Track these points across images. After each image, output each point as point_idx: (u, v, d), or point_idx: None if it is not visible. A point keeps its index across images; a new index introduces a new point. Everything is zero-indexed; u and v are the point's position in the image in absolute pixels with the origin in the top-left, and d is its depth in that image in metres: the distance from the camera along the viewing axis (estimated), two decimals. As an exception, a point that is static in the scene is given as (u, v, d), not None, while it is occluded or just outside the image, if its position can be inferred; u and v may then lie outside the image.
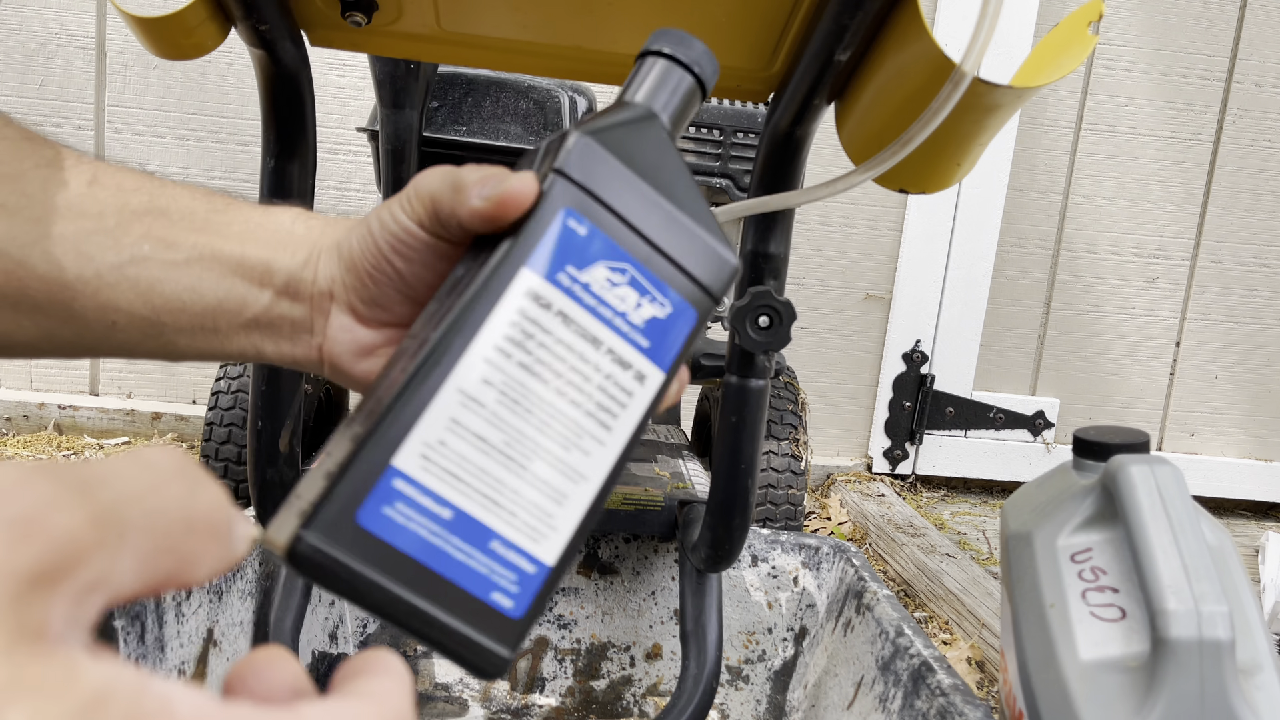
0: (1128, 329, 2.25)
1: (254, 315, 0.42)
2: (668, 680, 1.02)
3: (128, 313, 0.42)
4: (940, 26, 2.02)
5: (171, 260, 0.41)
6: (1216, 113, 2.17)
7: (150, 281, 0.41)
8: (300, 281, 0.42)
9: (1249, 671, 0.53)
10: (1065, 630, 0.57)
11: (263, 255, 0.42)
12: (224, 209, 0.43)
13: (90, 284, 0.41)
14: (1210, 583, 0.52)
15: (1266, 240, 2.23)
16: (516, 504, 0.33)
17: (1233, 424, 2.30)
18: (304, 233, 0.43)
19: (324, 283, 0.42)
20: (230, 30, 0.60)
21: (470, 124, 1.14)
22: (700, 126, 1.16)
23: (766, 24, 0.61)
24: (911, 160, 0.55)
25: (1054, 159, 2.18)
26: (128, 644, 0.69)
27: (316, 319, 0.43)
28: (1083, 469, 0.64)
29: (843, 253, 2.17)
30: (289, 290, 0.42)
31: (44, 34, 1.84)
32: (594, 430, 0.34)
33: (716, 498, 0.80)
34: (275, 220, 0.43)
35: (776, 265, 0.71)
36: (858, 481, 2.12)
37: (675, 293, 0.36)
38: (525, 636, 0.33)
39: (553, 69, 0.69)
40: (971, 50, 0.48)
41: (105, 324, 0.42)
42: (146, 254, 0.41)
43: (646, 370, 0.35)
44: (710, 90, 0.42)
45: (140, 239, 0.41)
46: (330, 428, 1.37)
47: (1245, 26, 2.14)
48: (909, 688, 0.74)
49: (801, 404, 1.32)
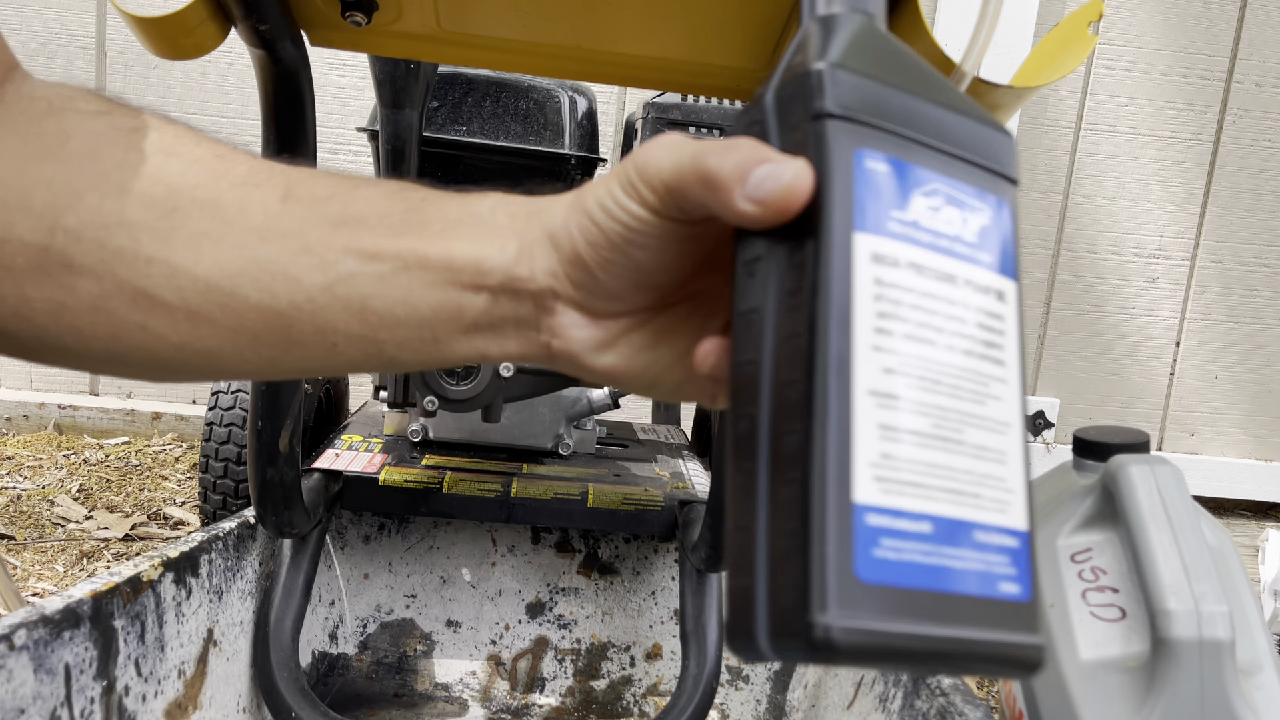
0: (1128, 329, 2.25)
1: (473, 319, 0.39)
2: (668, 680, 1.02)
3: (345, 333, 0.40)
4: (940, 26, 2.02)
5: (378, 274, 0.39)
6: (1217, 113, 2.17)
7: (361, 299, 0.39)
8: (517, 279, 0.38)
9: (1249, 671, 0.53)
10: (1065, 630, 0.57)
11: (470, 254, 0.39)
12: (420, 206, 0.40)
13: (304, 309, 0.39)
14: (1210, 583, 0.52)
15: (1267, 240, 2.23)
16: (973, 483, 0.30)
17: (1233, 424, 2.30)
18: (507, 222, 0.39)
19: (543, 278, 0.38)
20: (230, 30, 0.60)
21: (470, 124, 1.14)
22: (700, 126, 1.16)
23: (765, 24, 0.61)
24: (912, 160, 0.55)
25: (1054, 159, 2.18)
26: (128, 644, 0.69)
27: (542, 318, 0.39)
28: (1083, 469, 0.64)
29: (843, 253, 2.16)
30: (507, 289, 0.39)
31: (44, 34, 1.84)
32: (992, 371, 0.31)
33: (716, 498, 0.80)
34: (474, 211, 0.40)
35: (776, 265, 0.71)
36: (858, 481, 2.12)
37: (986, 192, 0.33)
38: (1042, 614, 0.30)
39: (553, 69, 0.69)
40: (971, 50, 0.48)
41: (325, 346, 0.40)
42: (352, 270, 0.39)
43: (1003, 286, 0.32)
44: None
45: (342, 254, 0.39)
46: (330, 427, 1.37)
47: (1245, 26, 2.14)
48: (909, 687, 0.74)
49: (801, 404, 1.32)
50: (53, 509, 1.55)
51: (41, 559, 1.37)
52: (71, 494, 1.62)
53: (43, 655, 0.61)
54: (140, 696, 0.70)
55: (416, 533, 1.05)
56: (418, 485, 0.97)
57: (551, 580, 1.05)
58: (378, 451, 1.06)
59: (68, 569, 1.35)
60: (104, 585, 0.68)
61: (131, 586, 0.71)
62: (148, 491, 1.68)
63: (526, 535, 1.06)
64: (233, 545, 0.86)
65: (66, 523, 1.51)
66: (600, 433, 1.25)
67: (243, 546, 0.88)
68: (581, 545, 1.06)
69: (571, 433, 1.15)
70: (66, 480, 1.68)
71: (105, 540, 1.45)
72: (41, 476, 1.69)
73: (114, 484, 1.70)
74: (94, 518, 1.54)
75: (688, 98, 1.15)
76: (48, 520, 1.51)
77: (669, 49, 0.65)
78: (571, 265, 0.37)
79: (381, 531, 1.05)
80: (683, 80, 0.69)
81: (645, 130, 1.17)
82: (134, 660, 0.70)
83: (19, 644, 0.59)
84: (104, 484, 1.69)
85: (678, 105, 1.15)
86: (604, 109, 1.92)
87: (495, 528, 1.06)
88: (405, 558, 1.05)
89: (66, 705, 0.62)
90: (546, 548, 1.06)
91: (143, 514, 1.57)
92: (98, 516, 1.54)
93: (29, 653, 0.59)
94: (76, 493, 1.64)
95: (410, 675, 1.00)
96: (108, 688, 0.67)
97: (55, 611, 0.62)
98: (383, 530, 1.05)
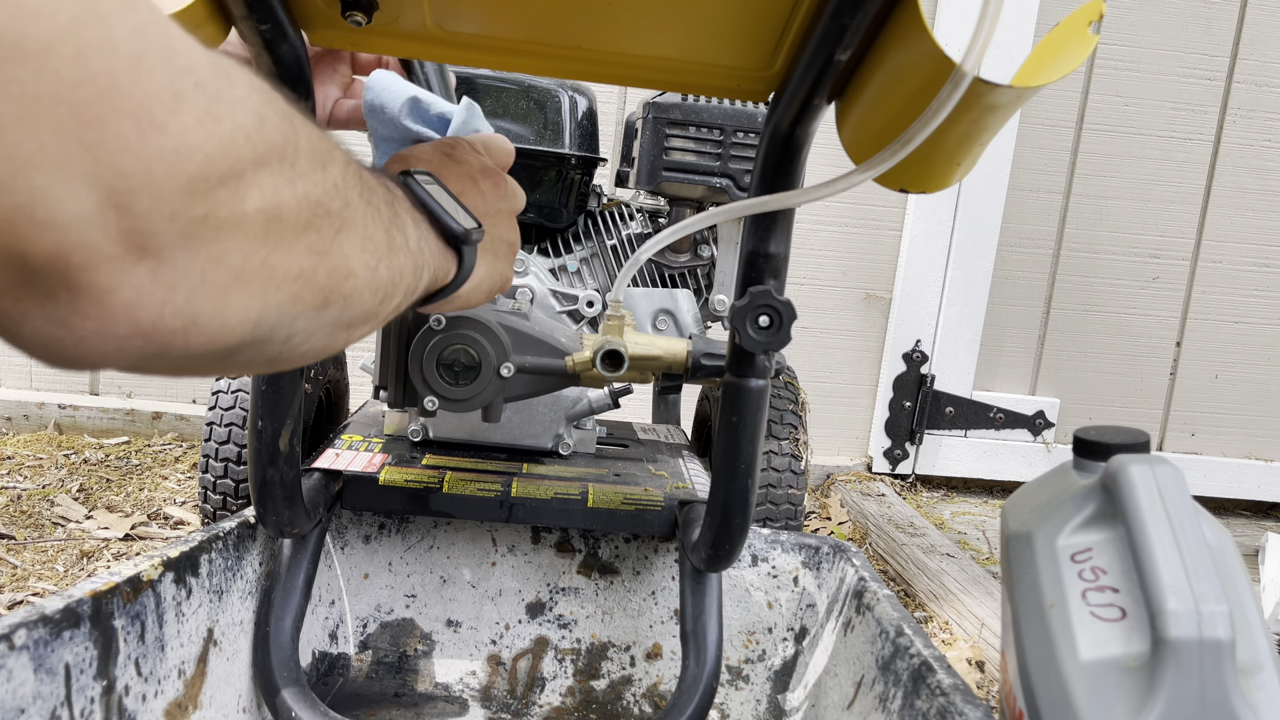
0: (1128, 329, 2.25)
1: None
2: (668, 680, 1.02)
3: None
4: (940, 26, 2.02)
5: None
6: (1217, 113, 2.17)
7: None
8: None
9: (1249, 671, 0.53)
10: (1065, 630, 0.57)
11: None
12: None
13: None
14: (1210, 583, 0.52)
15: (1267, 240, 2.23)
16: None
17: (1233, 424, 2.30)
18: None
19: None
20: (230, 30, 0.60)
21: (470, 124, 1.14)
22: (700, 126, 1.16)
23: (767, 24, 0.61)
24: (912, 160, 0.55)
25: (1054, 159, 2.18)
26: (128, 643, 0.69)
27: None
28: (1083, 469, 0.64)
29: (843, 253, 2.17)
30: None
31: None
32: None
33: (716, 498, 0.80)
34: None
35: (776, 265, 0.71)
36: (858, 481, 2.12)
37: None
38: None
39: (553, 69, 0.69)
40: (971, 50, 0.48)
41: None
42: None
43: None
44: None
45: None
46: (330, 427, 1.37)
47: (1245, 26, 2.14)
48: (909, 687, 0.74)
49: (801, 404, 1.32)
50: (53, 509, 1.55)
51: (41, 559, 1.37)
52: (71, 494, 1.62)
53: (43, 655, 0.61)
54: (140, 696, 0.70)
55: (416, 533, 1.05)
56: (418, 485, 0.97)
57: (551, 580, 1.05)
58: (378, 451, 1.06)
59: (68, 569, 1.35)
60: (104, 585, 0.68)
61: (131, 586, 0.71)
62: (148, 491, 1.68)
63: (526, 535, 1.06)
64: (233, 545, 0.86)
65: (66, 523, 1.51)
66: (600, 433, 1.25)
67: (243, 546, 0.88)
68: (581, 545, 1.06)
69: (571, 433, 1.15)
70: (66, 480, 1.68)
71: (105, 540, 1.45)
72: (41, 476, 1.69)
73: (114, 484, 1.70)
74: (94, 518, 1.54)
75: (688, 98, 1.15)
76: (48, 520, 1.51)
77: (669, 49, 0.65)
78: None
79: (381, 531, 1.05)
80: (683, 80, 0.69)
81: (645, 130, 1.17)
82: (134, 660, 0.70)
83: (19, 644, 0.59)
84: (104, 484, 1.69)
85: (678, 105, 1.15)
86: (604, 109, 1.91)
87: (495, 527, 1.06)
88: (405, 557, 1.05)
89: (66, 705, 0.62)
90: (546, 548, 1.06)
91: (143, 514, 1.57)
92: (98, 516, 1.54)
93: (29, 652, 0.59)
94: (76, 492, 1.63)
95: (410, 675, 1.00)
96: (108, 687, 0.67)
97: (55, 611, 0.62)
98: (383, 530, 1.05)
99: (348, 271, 0.39)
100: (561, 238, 1.25)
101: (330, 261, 0.38)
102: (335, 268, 0.38)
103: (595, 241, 1.24)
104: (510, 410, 1.10)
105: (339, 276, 0.39)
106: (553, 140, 1.18)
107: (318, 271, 0.37)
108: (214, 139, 0.30)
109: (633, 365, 0.91)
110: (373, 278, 0.42)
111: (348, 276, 0.39)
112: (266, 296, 0.34)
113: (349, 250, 0.39)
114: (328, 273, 0.38)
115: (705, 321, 1.27)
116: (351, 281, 0.40)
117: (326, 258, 0.37)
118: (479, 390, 0.90)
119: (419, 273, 0.48)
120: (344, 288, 0.39)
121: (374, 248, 0.42)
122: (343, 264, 0.39)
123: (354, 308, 0.41)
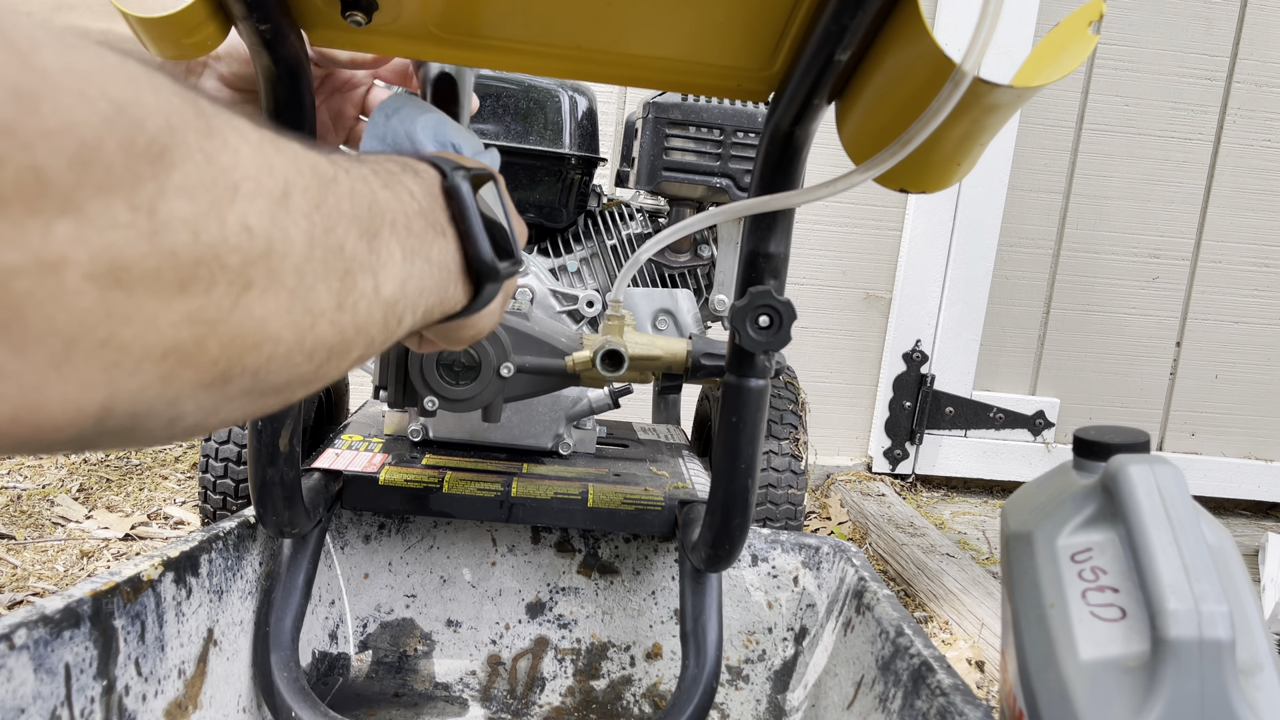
0: (1128, 329, 2.25)
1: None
2: (668, 680, 1.02)
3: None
4: (940, 26, 2.02)
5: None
6: (1217, 113, 2.17)
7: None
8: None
9: (1249, 671, 0.53)
10: (1065, 630, 0.57)
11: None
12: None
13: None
14: (1210, 583, 0.52)
15: (1267, 240, 2.23)
16: None
17: (1233, 424, 2.30)
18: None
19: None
20: (230, 30, 0.60)
21: (470, 124, 1.14)
22: (700, 126, 1.16)
23: (766, 24, 0.61)
24: (912, 160, 0.55)
25: (1054, 159, 2.18)
26: (128, 643, 0.69)
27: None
28: (1083, 469, 0.64)
29: (843, 253, 2.17)
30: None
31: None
32: None
33: (716, 498, 0.80)
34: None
35: (776, 265, 0.71)
36: (858, 481, 2.12)
37: None
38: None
39: (553, 69, 0.69)
40: (971, 50, 0.48)
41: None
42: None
43: None
44: None
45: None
46: (330, 427, 1.37)
47: (1245, 26, 2.14)
48: (909, 687, 0.74)
49: (801, 404, 1.32)
50: (53, 509, 1.55)
51: (41, 559, 1.37)
52: (71, 494, 1.62)
53: (43, 655, 0.61)
54: (140, 696, 0.70)
55: (416, 532, 1.05)
56: (418, 485, 0.97)
57: (551, 580, 1.05)
58: (378, 451, 1.06)
59: (68, 569, 1.35)
60: (104, 585, 0.68)
61: (131, 586, 0.71)
62: (148, 491, 1.68)
63: (526, 535, 1.06)
64: (233, 545, 0.86)
65: (66, 522, 1.51)
66: (600, 433, 1.25)
67: (243, 546, 0.88)
68: (581, 545, 1.06)
69: (571, 432, 1.15)
70: (66, 480, 1.68)
71: (105, 540, 1.45)
72: (41, 476, 1.69)
73: (114, 484, 1.70)
74: (94, 517, 1.54)
75: (688, 98, 1.15)
76: (48, 520, 1.51)
77: (669, 49, 0.65)
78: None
79: (381, 531, 1.05)
80: (683, 80, 0.69)
81: (645, 130, 1.17)
82: (134, 660, 0.70)
83: (19, 644, 0.59)
84: (104, 484, 1.69)
85: (678, 105, 1.15)
86: (604, 109, 1.91)
87: (495, 527, 1.06)
88: (405, 557, 1.05)
89: (66, 705, 0.62)
90: (546, 547, 1.06)
91: (143, 514, 1.57)
92: (98, 516, 1.54)
93: (29, 652, 0.59)
94: (76, 492, 1.63)
95: (410, 675, 1.00)
96: (108, 687, 0.67)
97: (55, 611, 0.62)
98: (383, 530, 1.05)
99: (260, 339, 0.30)
100: (561, 238, 1.25)
101: (228, 331, 0.28)
102: (237, 337, 0.29)
103: (595, 241, 1.24)
104: (510, 410, 1.10)
105: (243, 347, 0.29)
106: (553, 140, 1.18)
107: (205, 344, 0.28)
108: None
109: (633, 365, 0.91)
110: (306, 339, 0.32)
111: (258, 346, 0.30)
112: (114, 383, 0.25)
113: (266, 312, 0.30)
114: (223, 345, 0.28)
115: (705, 321, 1.27)
116: (265, 350, 0.30)
117: (221, 327, 0.28)
118: (479, 390, 0.90)
119: (403, 317, 0.40)
120: (249, 360, 0.30)
121: (316, 304, 0.32)
122: (253, 331, 0.29)
123: (274, 377, 0.31)
